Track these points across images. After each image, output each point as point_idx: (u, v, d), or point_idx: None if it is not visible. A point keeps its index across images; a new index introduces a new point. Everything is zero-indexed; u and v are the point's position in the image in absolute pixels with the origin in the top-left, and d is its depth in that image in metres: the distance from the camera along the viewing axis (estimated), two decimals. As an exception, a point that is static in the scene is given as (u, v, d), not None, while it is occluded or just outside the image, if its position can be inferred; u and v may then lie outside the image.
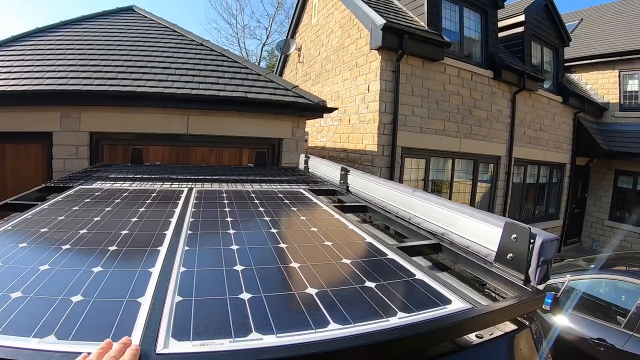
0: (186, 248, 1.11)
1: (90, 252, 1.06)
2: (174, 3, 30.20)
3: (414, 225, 1.52)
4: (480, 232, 1.21)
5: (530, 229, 1.01)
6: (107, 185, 2.07)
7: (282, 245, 1.19)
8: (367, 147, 6.49)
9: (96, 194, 1.83)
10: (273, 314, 0.75)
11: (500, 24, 8.66)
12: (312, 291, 0.86)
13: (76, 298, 0.80)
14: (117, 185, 2.09)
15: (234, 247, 1.14)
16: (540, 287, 0.99)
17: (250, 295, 0.82)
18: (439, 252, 1.30)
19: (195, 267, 0.97)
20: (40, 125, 4.72)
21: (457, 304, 0.84)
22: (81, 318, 0.72)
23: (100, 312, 0.75)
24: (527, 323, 0.93)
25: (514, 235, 1.05)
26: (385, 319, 0.75)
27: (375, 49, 6.31)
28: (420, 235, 1.42)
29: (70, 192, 1.86)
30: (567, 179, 10.66)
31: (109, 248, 1.09)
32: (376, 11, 6.38)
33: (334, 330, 0.70)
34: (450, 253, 1.25)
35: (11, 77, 4.86)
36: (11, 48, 5.66)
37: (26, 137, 4.71)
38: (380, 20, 6.07)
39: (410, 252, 1.20)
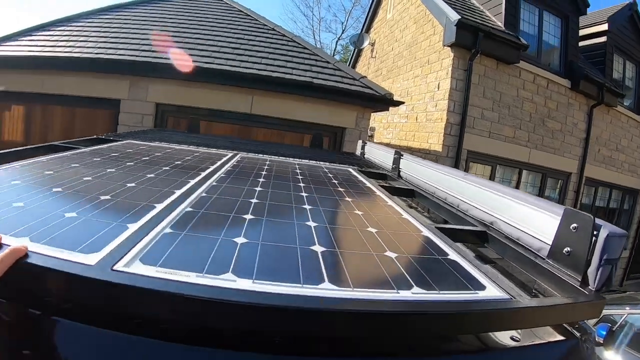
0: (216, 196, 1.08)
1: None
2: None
3: (462, 212, 1.39)
4: (535, 222, 1.03)
5: (594, 218, 0.81)
6: (155, 143, 2.16)
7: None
8: (432, 146, 6.17)
9: (141, 147, 1.89)
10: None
11: (581, 32, 8.06)
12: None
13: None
14: (164, 144, 2.17)
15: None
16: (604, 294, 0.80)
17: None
18: (485, 242, 1.14)
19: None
20: (110, 92, 4.79)
21: (492, 292, 0.68)
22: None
23: None
24: (579, 335, 0.73)
25: (574, 225, 0.85)
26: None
27: (448, 46, 6.02)
28: (466, 221, 1.27)
29: (117, 143, 1.92)
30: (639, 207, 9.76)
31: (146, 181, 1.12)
32: (452, 7, 6.10)
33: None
34: (497, 243, 1.09)
35: (87, 46, 4.97)
36: (89, 20, 5.84)
37: (95, 102, 4.79)
38: (454, 16, 5.80)
39: (451, 235, 1.05)
